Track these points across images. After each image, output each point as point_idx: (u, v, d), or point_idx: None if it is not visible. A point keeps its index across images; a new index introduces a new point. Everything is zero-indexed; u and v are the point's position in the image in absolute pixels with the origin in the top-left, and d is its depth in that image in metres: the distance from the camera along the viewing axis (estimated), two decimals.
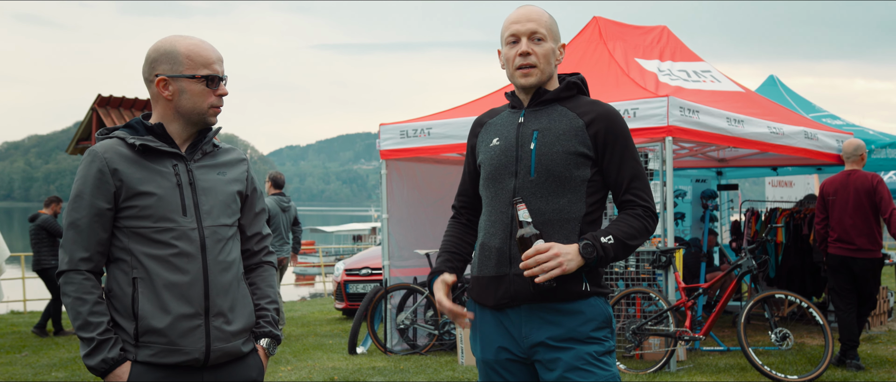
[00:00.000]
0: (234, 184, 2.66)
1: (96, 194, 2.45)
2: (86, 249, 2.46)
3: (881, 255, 7.27)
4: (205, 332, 2.50)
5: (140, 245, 2.47)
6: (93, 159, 2.48)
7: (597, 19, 9.27)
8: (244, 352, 2.61)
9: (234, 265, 2.60)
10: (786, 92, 11.91)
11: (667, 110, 7.11)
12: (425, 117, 8.70)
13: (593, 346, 2.60)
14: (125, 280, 2.47)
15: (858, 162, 7.30)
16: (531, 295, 2.60)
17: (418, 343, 8.59)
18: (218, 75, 2.57)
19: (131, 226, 2.47)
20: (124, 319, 2.46)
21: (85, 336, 2.41)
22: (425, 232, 9.03)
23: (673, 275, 7.30)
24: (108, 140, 2.55)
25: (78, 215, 2.46)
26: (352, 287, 11.74)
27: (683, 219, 11.10)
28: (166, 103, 2.56)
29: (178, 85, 2.53)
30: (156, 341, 2.45)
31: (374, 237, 38.84)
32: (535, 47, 2.66)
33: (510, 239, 2.64)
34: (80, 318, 2.42)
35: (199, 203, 2.55)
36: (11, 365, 8.28)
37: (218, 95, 2.58)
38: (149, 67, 2.56)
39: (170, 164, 2.54)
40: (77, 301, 2.43)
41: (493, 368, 2.74)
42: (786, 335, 6.84)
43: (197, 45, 2.56)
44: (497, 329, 2.71)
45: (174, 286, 2.46)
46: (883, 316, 9.61)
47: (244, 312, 2.62)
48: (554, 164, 2.62)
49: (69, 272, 2.46)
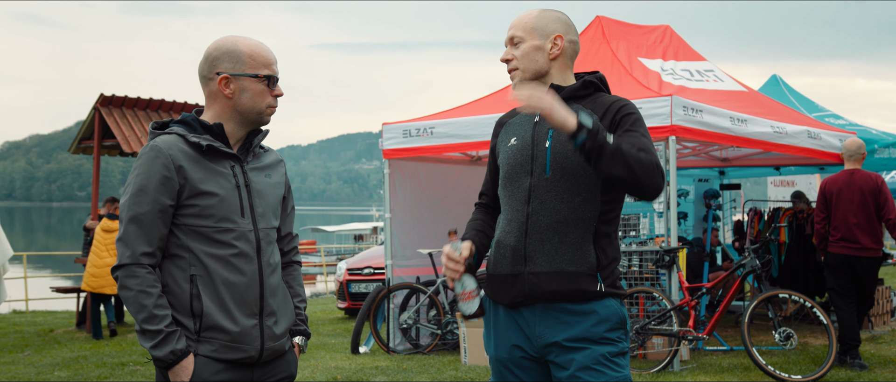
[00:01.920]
0: (279, 187, 2.73)
1: (160, 189, 2.47)
2: (149, 243, 2.47)
3: (882, 254, 7.27)
4: (259, 331, 2.57)
5: (200, 244, 2.50)
6: (156, 154, 2.48)
7: (600, 19, 9.26)
8: (285, 349, 2.71)
9: (278, 267, 2.69)
10: (788, 91, 11.90)
11: (670, 110, 7.11)
12: (428, 117, 8.69)
13: (607, 347, 2.60)
14: (182, 277, 2.50)
15: (859, 162, 7.30)
16: (546, 294, 2.60)
17: (421, 342, 8.58)
18: (276, 76, 2.63)
19: (191, 224, 2.50)
20: (181, 315, 2.50)
21: (152, 328, 2.43)
22: (428, 232, 9.02)
23: (676, 275, 7.29)
24: (168, 136, 2.54)
25: (141, 210, 2.46)
26: (354, 287, 11.74)
27: (686, 219, 11.09)
28: (226, 102, 2.59)
29: (240, 84, 2.58)
30: (217, 337, 2.51)
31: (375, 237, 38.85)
32: (514, 51, 2.74)
33: (526, 238, 2.64)
34: (146, 311, 2.44)
35: (254, 205, 2.60)
36: (14, 364, 8.27)
37: (274, 96, 2.63)
38: (209, 65, 2.59)
39: (228, 165, 2.58)
40: (141, 294, 2.45)
41: (505, 366, 2.74)
42: (789, 334, 6.83)
43: (259, 45, 2.61)
44: (511, 328, 2.71)
45: (234, 286, 2.52)
46: (886, 316, 9.61)
47: (287, 312, 2.71)
48: (569, 161, 2.61)
49: (131, 266, 2.46)
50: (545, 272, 2.61)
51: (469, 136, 7.96)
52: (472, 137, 7.94)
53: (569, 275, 2.59)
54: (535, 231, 2.63)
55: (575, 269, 2.60)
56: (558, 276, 2.60)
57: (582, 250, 2.60)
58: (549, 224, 2.62)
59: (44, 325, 11.79)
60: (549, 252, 2.61)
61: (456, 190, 9.36)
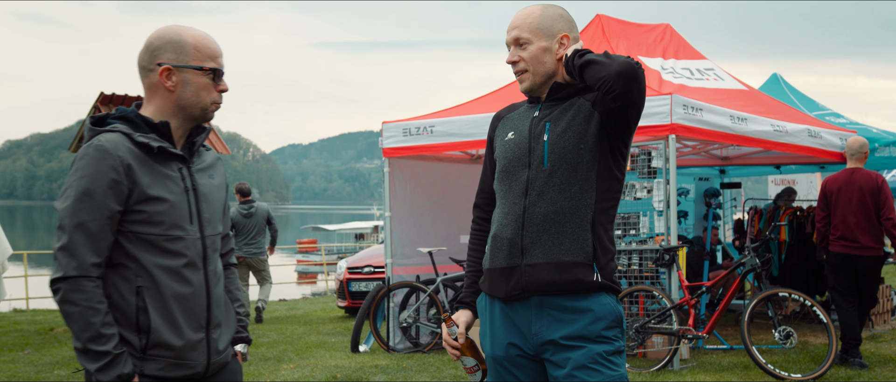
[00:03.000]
0: (222, 189, 2.57)
1: (109, 194, 2.26)
2: (97, 254, 2.26)
3: (883, 253, 7.26)
4: (206, 345, 2.43)
5: (148, 253, 2.32)
6: (103, 155, 2.27)
7: (600, 17, 9.26)
8: (229, 360, 2.57)
9: (222, 275, 2.54)
10: (789, 90, 11.89)
11: (670, 108, 7.10)
12: (428, 115, 8.69)
13: (603, 345, 2.60)
14: (127, 289, 2.31)
15: (861, 160, 7.28)
16: (542, 286, 2.60)
17: (421, 341, 8.58)
18: (222, 70, 2.47)
19: (139, 232, 2.31)
20: (126, 330, 2.31)
21: (98, 349, 2.23)
22: (428, 230, 9.02)
23: (676, 273, 7.29)
24: (113, 134, 2.33)
25: (88, 217, 2.25)
26: (354, 286, 11.74)
27: (686, 217, 11.08)
28: (167, 95, 2.40)
29: (183, 76, 2.39)
30: (164, 355, 2.34)
31: (376, 236, 38.86)
32: (521, 53, 2.69)
33: (522, 231, 2.64)
34: (92, 329, 2.23)
35: (201, 211, 2.44)
36: (14, 363, 8.27)
37: (219, 91, 2.47)
38: (150, 55, 2.40)
39: (176, 166, 2.40)
40: (89, 311, 2.23)
41: (502, 365, 2.74)
42: (789, 333, 6.82)
43: (204, 36, 2.44)
44: (506, 326, 2.71)
45: (183, 299, 2.36)
46: (886, 315, 9.60)
47: (230, 321, 2.57)
48: (567, 152, 2.62)
49: (79, 279, 2.24)
50: (541, 263, 2.60)
51: (469, 134, 7.96)
52: (472, 135, 7.94)
53: (565, 265, 2.59)
54: (532, 223, 2.63)
55: (571, 259, 2.59)
56: (554, 267, 2.60)
57: (578, 240, 2.60)
58: (545, 216, 2.62)
59: (44, 324, 11.79)
60: (545, 243, 2.61)
61: (456, 189, 9.36)
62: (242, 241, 11.75)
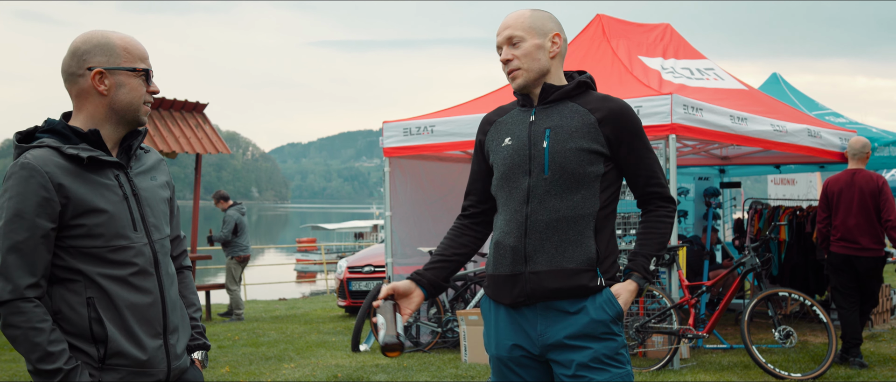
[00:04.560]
0: (165, 189, 2.51)
1: (39, 213, 2.20)
2: (32, 274, 2.21)
3: (884, 253, 7.27)
4: (165, 352, 2.38)
5: (93, 266, 2.26)
6: (31, 173, 2.20)
7: (600, 17, 9.27)
8: (187, 366, 2.52)
9: (175, 279, 2.49)
10: (789, 90, 11.90)
11: (670, 108, 7.11)
12: (429, 115, 8.70)
13: (608, 342, 2.63)
14: (78, 301, 2.25)
15: (863, 161, 7.29)
16: (547, 293, 2.63)
17: (421, 340, 8.59)
18: (152, 71, 2.42)
19: (80, 246, 2.25)
20: (81, 342, 2.26)
21: (48, 368, 2.19)
22: (428, 230, 9.03)
23: (676, 273, 7.30)
24: (39, 151, 2.25)
25: (19, 238, 2.19)
26: (355, 285, 11.75)
27: (686, 217, 11.10)
28: (100, 100, 2.34)
29: (116, 78, 2.33)
30: (123, 363, 2.29)
31: (375, 235, 38.85)
32: (515, 51, 2.71)
33: (525, 238, 2.66)
34: (39, 350, 2.19)
35: (145, 216, 2.37)
36: (15, 362, 8.29)
37: (150, 92, 2.41)
38: (78, 60, 2.33)
39: (112, 174, 2.33)
40: (32, 332, 2.19)
41: (506, 365, 2.75)
42: (789, 333, 6.84)
43: (131, 38, 2.39)
44: (512, 327, 2.72)
45: (136, 308, 2.31)
46: (886, 314, 9.61)
47: (186, 326, 2.52)
48: (567, 161, 2.63)
49: (15, 302, 2.19)
50: (545, 270, 2.63)
51: (469, 134, 7.96)
52: (473, 135, 7.91)
53: (569, 272, 2.61)
54: (535, 231, 2.64)
55: (575, 266, 2.62)
56: (559, 274, 2.62)
57: (582, 246, 2.63)
58: (548, 223, 2.63)
59: None
60: (549, 251, 2.63)
61: (456, 188, 9.37)
62: (244, 240, 12.02)
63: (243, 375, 7.30)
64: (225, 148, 11.86)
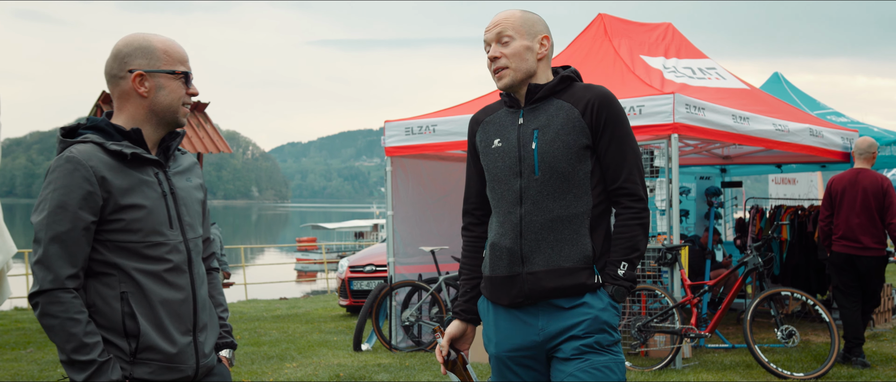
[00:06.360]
0: (199, 191, 2.57)
1: (83, 205, 2.26)
2: (73, 265, 2.27)
3: (886, 253, 7.26)
4: (194, 348, 2.44)
5: (129, 260, 2.32)
6: (76, 166, 2.27)
7: (602, 16, 9.27)
8: (215, 364, 2.57)
9: (205, 278, 2.55)
10: (790, 89, 11.90)
11: (672, 107, 7.11)
12: (430, 114, 8.70)
13: (605, 335, 2.65)
14: (111, 295, 2.31)
15: (869, 161, 7.27)
16: (545, 292, 2.64)
17: (423, 339, 8.59)
18: (191, 74, 2.49)
19: (118, 240, 2.31)
20: (114, 335, 2.31)
21: (83, 359, 2.23)
22: (430, 229, 9.03)
23: (678, 272, 7.30)
24: (84, 146, 2.33)
25: (62, 228, 2.25)
26: (356, 284, 11.75)
27: (687, 216, 11.10)
28: (140, 102, 2.41)
29: (156, 81, 2.40)
30: (154, 358, 2.35)
31: (375, 234, 38.83)
32: (503, 49, 2.71)
33: (520, 239, 2.67)
34: (75, 340, 2.23)
35: (181, 215, 2.44)
36: (17, 362, 8.28)
37: (190, 95, 2.47)
38: (120, 63, 2.40)
39: (152, 171, 2.40)
40: (69, 322, 2.24)
41: (505, 364, 2.76)
42: (791, 332, 6.84)
43: (172, 41, 2.46)
44: (512, 325, 2.73)
45: (169, 303, 2.37)
46: (887, 314, 9.61)
47: (214, 325, 2.58)
48: (557, 160, 2.64)
49: (55, 292, 2.25)
50: (543, 270, 2.64)
51: None
52: None
53: (566, 271, 2.63)
54: (530, 232, 2.66)
55: (572, 265, 2.63)
56: (556, 273, 2.63)
57: (577, 245, 2.64)
58: (543, 224, 2.65)
59: None
60: (545, 251, 2.64)
61: (458, 188, 9.36)
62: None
63: (245, 374, 7.30)
64: (226, 147, 11.86)
